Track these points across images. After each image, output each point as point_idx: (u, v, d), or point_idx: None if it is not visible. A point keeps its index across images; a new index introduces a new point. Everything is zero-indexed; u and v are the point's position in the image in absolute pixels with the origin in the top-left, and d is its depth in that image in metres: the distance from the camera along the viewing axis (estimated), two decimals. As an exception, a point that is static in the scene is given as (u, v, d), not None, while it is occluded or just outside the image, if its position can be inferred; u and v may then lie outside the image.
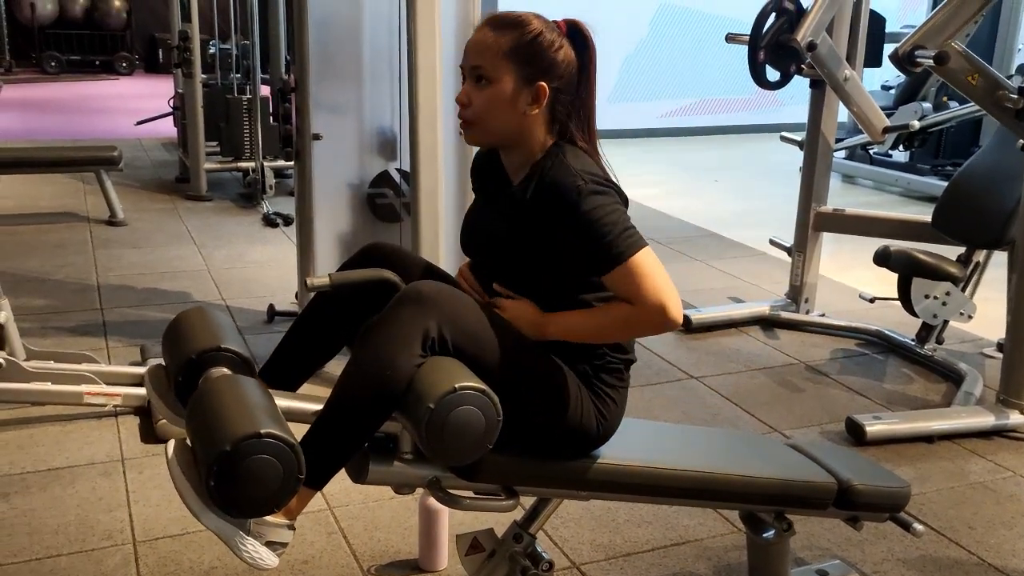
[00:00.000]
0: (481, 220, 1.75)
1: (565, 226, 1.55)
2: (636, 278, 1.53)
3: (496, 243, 1.68)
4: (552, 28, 1.60)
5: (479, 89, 1.59)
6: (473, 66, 1.59)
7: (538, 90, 1.58)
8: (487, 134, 1.63)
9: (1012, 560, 2.39)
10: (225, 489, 1.33)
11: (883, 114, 3.79)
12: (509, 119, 1.59)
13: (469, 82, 1.60)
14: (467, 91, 1.60)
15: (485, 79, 1.58)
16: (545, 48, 1.57)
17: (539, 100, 1.59)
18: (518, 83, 1.57)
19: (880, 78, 8.26)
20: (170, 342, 1.70)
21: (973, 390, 3.34)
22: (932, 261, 3.42)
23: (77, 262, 4.65)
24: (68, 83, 12.20)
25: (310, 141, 3.30)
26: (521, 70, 1.57)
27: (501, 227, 1.66)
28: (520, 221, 1.61)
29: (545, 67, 1.58)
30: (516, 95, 1.58)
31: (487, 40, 1.57)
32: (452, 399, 1.43)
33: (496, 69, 1.56)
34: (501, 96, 1.57)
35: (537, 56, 1.57)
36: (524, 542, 1.80)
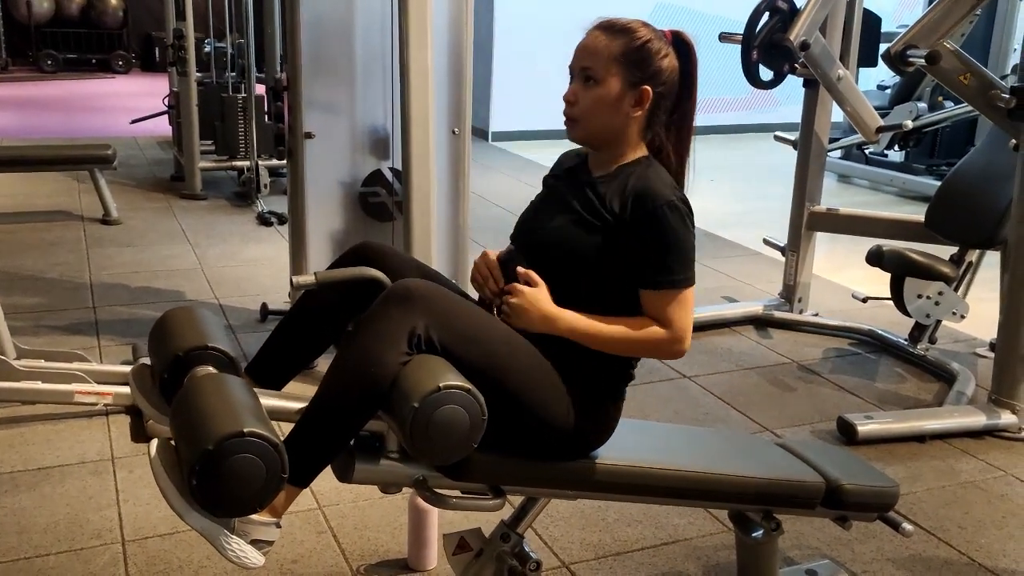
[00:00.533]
0: (546, 212, 1.76)
1: (639, 230, 1.60)
2: (678, 308, 1.61)
3: (558, 235, 1.68)
4: (659, 36, 1.68)
5: (586, 89, 1.67)
6: (583, 67, 1.67)
7: (642, 93, 1.66)
8: (589, 132, 1.69)
9: (1002, 560, 2.39)
10: (208, 488, 1.33)
11: (876, 114, 3.79)
12: (612, 119, 1.67)
13: (577, 82, 1.68)
14: (575, 90, 1.68)
15: (593, 80, 1.66)
16: (652, 54, 1.66)
17: (642, 103, 1.67)
18: (624, 85, 1.65)
19: (876, 78, 8.27)
20: (156, 340, 1.69)
21: (965, 390, 3.35)
22: (925, 261, 3.42)
23: (70, 260, 4.64)
24: (64, 81, 12.19)
25: (302, 140, 3.29)
26: (628, 74, 1.65)
27: (567, 216, 1.68)
28: (592, 213, 1.65)
29: (651, 73, 1.66)
30: (621, 97, 1.66)
31: (598, 43, 1.66)
32: (437, 398, 1.43)
33: (605, 71, 1.65)
34: (607, 96, 1.65)
35: (644, 61, 1.65)
36: (511, 541, 1.79)
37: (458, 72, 3.31)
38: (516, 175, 7.44)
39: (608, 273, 1.64)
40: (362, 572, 2.23)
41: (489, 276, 1.70)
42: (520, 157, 8.24)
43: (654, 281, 1.61)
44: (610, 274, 1.64)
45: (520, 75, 8.98)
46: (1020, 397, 3.09)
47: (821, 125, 4.07)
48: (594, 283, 1.65)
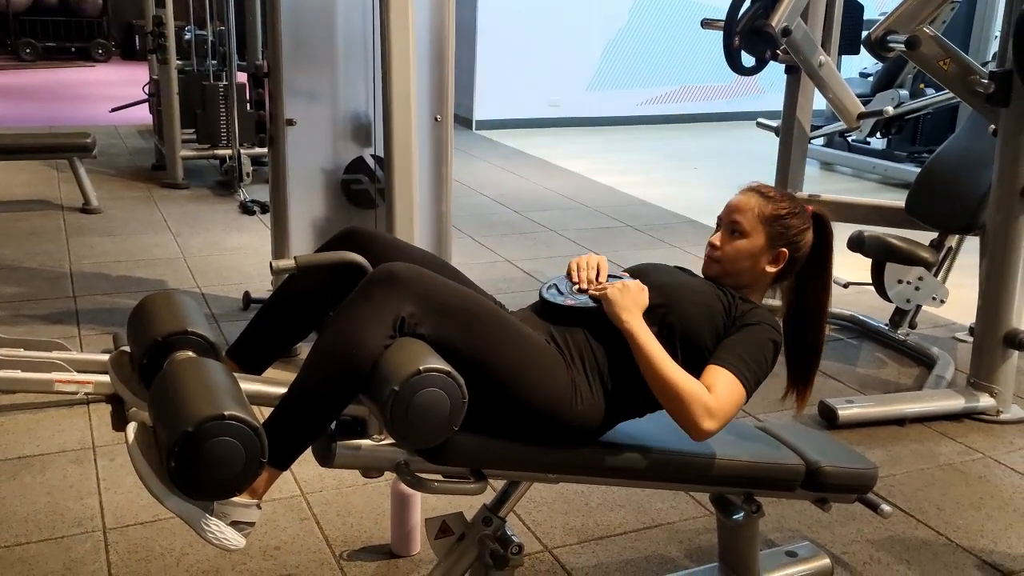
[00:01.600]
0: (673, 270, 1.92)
1: (740, 326, 1.74)
2: (727, 389, 1.66)
3: (677, 281, 1.83)
4: (802, 212, 1.88)
5: (732, 239, 1.86)
6: (732, 220, 1.87)
7: (779, 254, 1.86)
8: (726, 273, 1.87)
9: (980, 540, 2.42)
10: (187, 471, 1.32)
11: (858, 100, 3.80)
12: (749, 269, 1.86)
13: (724, 232, 1.88)
14: (721, 237, 1.88)
15: (739, 233, 1.85)
16: (795, 225, 1.86)
17: (778, 262, 1.87)
18: (766, 243, 1.85)
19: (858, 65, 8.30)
20: (135, 325, 1.68)
21: (944, 374, 3.38)
22: (905, 246, 3.44)
23: (50, 250, 4.60)
24: (43, 70, 12.07)
25: (284, 127, 3.27)
26: (771, 235, 1.84)
27: (694, 279, 1.87)
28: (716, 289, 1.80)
29: (790, 240, 1.86)
30: (762, 252, 1.85)
31: (751, 203, 1.86)
32: (417, 381, 1.43)
33: (752, 228, 1.85)
34: (751, 249, 1.85)
35: (787, 229, 1.86)
36: (493, 525, 1.80)
37: (440, 58, 3.30)
38: (500, 163, 7.43)
39: (699, 340, 1.73)
40: (345, 558, 2.24)
41: (594, 266, 1.82)
42: (504, 145, 8.22)
43: (723, 360, 1.70)
44: (699, 343, 1.73)
45: (504, 63, 8.96)
46: (998, 380, 3.12)
47: (803, 112, 4.07)
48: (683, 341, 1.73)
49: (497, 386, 1.59)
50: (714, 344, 1.73)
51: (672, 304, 1.75)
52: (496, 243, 5.07)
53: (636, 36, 9.53)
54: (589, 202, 6.17)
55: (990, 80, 2.99)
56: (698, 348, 1.73)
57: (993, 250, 3.09)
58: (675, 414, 1.66)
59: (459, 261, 2.33)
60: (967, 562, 2.33)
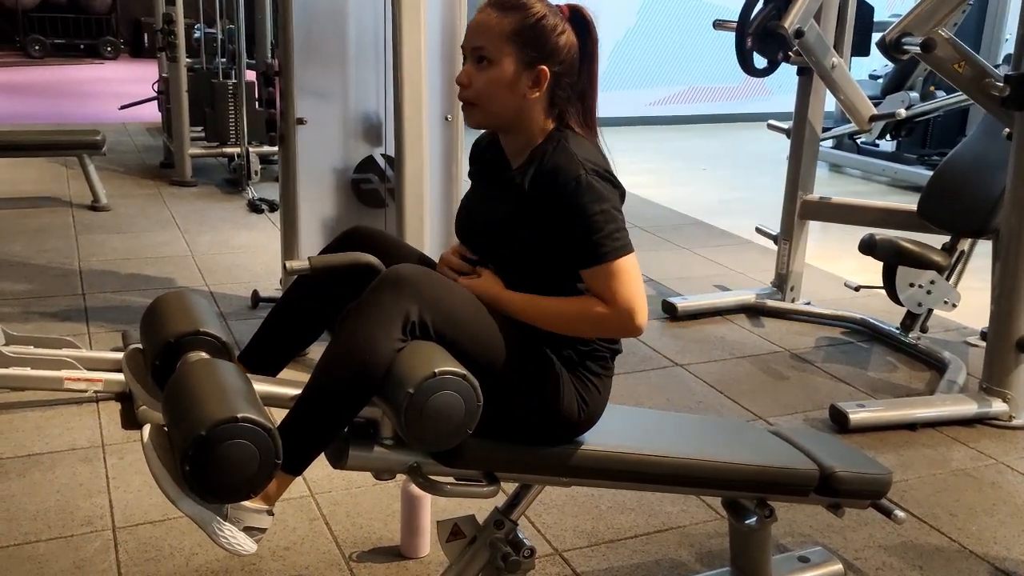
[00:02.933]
0: (477, 205, 1.74)
1: (559, 213, 1.54)
2: (615, 281, 1.53)
3: (491, 228, 1.66)
4: (555, 12, 1.59)
5: (480, 70, 1.58)
6: (475, 47, 1.58)
7: (539, 73, 1.58)
8: (487, 116, 1.62)
9: (993, 547, 2.40)
10: (201, 474, 1.32)
11: (870, 102, 3.78)
12: (509, 101, 1.58)
13: (470, 62, 1.60)
14: (468, 72, 1.60)
15: (487, 60, 1.57)
16: (548, 32, 1.57)
17: (539, 84, 1.58)
18: (519, 66, 1.57)
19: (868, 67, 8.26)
20: (148, 326, 1.68)
21: (956, 378, 3.35)
22: (917, 250, 3.42)
23: (59, 247, 4.60)
24: (52, 67, 12.09)
25: (294, 126, 3.27)
26: (523, 53, 1.56)
27: (498, 212, 1.65)
28: (517, 206, 1.60)
29: (547, 51, 1.57)
30: (517, 78, 1.57)
31: (490, 21, 1.57)
32: (432, 384, 1.42)
33: (498, 51, 1.56)
34: (502, 78, 1.57)
35: (539, 39, 1.56)
36: (505, 528, 1.79)
37: (451, 58, 3.29)
38: (508, 163, 7.41)
39: (550, 260, 1.60)
40: (355, 559, 2.23)
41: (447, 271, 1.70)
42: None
43: (586, 260, 1.55)
44: (552, 261, 1.60)
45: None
46: (1011, 385, 3.09)
47: (814, 113, 4.06)
48: (541, 270, 1.62)
49: (507, 388, 1.58)
50: (560, 243, 1.56)
51: (503, 258, 1.63)
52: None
53: (645, 37, 9.51)
54: (597, 203, 6.14)
55: (1005, 83, 2.97)
56: (556, 268, 1.60)
57: (1007, 254, 3.07)
58: (604, 336, 1.63)
59: (470, 262, 2.34)
60: (980, 569, 2.31)
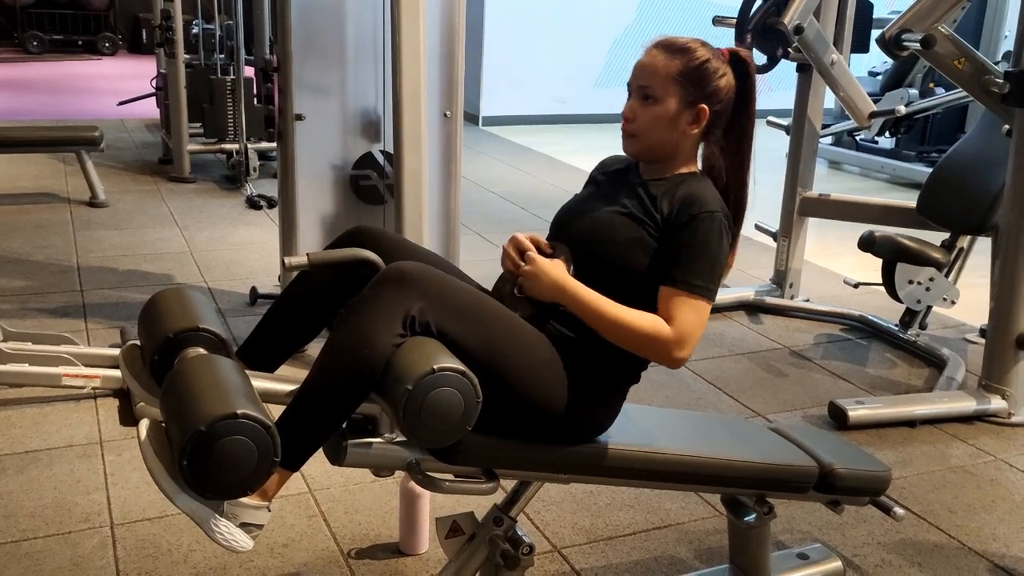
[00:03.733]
0: (592, 199, 1.79)
1: (678, 232, 1.62)
2: (686, 309, 1.59)
3: (600, 219, 1.70)
4: (717, 56, 1.71)
5: (644, 106, 1.70)
6: (641, 85, 1.70)
7: (699, 112, 1.69)
8: (646, 147, 1.72)
9: (992, 544, 2.40)
10: (198, 470, 1.31)
11: (869, 99, 3.78)
12: (669, 136, 1.70)
13: (635, 99, 1.72)
14: (632, 107, 1.72)
15: (652, 98, 1.69)
16: (710, 74, 1.68)
17: (699, 121, 1.70)
18: (681, 104, 1.68)
19: (867, 64, 8.26)
20: (146, 321, 1.67)
21: (955, 375, 3.35)
22: (916, 247, 3.42)
23: (57, 243, 4.60)
24: (50, 63, 12.07)
25: (293, 122, 3.26)
26: (685, 93, 1.68)
27: (614, 207, 1.70)
28: (641, 210, 1.67)
29: (708, 92, 1.69)
30: (678, 115, 1.69)
31: (657, 63, 1.69)
32: (431, 380, 1.42)
33: (663, 90, 1.68)
34: (665, 115, 1.69)
35: (702, 81, 1.68)
36: (504, 525, 1.78)
37: (450, 54, 3.28)
38: (507, 160, 7.42)
39: (641, 270, 1.64)
40: (353, 556, 2.22)
41: (512, 250, 1.71)
42: (511, 142, 8.20)
43: (672, 278, 1.61)
44: (643, 272, 1.64)
45: (511, 60, 8.93)
46: (1010, 382, 3.09)
47: (814, 110, 4.06)
48: (625, 277, 1.65)
49: (507, 386, 1.58)
50: (655, 263, 1.63)
51: (602, 255, 1.66)
52: (503, 240, 5.05)
53: (644, 33, 9.49)
54: (596, 199, 6.14)
55: (1005, 80, 2.97)
56: (641, 279, 1.64)
57: (1006, 251, 3.07)
58: (642, 354, 1.63)
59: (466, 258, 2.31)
60: (979, 566, 2.31)
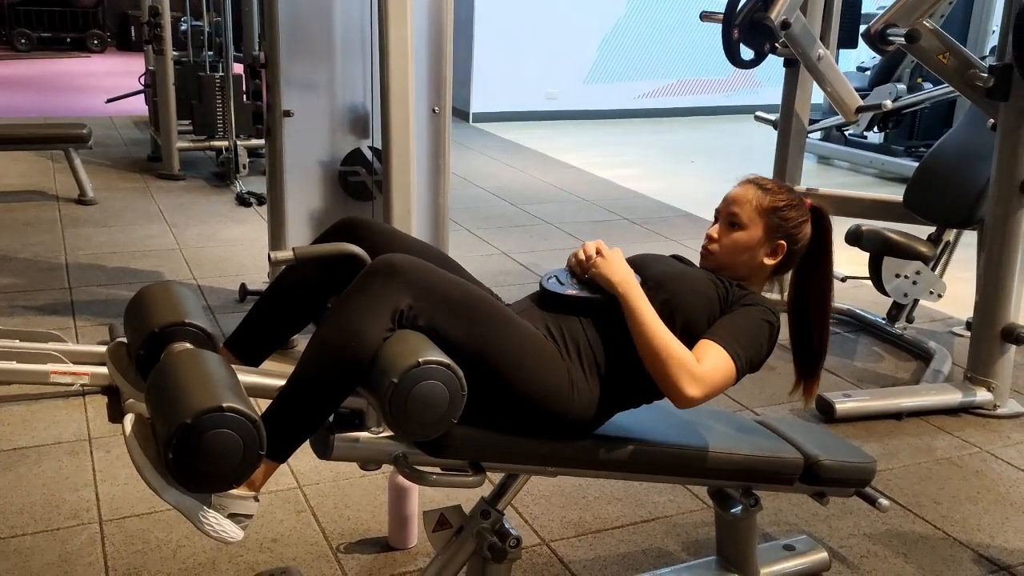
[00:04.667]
0: (669, 259, 1.92)
1: (734, 306, 1.76)
2: (718, 362, 1.66)
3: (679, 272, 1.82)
4: (800, 205, 1.87)
5: (729, 231, 1.85)
6: (730, 212, 1.86)
7: (777, 246, 1.86)
8: (724, 267, 1.86)
9: (977, 534, 2.42)
10: (185, 463, 1.31)
11: (856, 94, 3.79)
12: (747, 261, 1.85)
13: (722, 224, 1.87)
14: (719, 230, 1.87)
15: (738, 225, 1.85)
16: (793, 218, 1.86)
17: (776, 254, 1.86)
18: (764, 235, 1.84)
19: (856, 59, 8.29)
20: (132, 317, 1.67)
21: (942, 368, 3.38)
22: (903, 240, 3.44)
23: (45, 241, 4.58)
24: (39, 60, 12.01)
25: (281, 118, 3.26)
26: (769, 227, 1.84)
27: (693, 270, 1.85)
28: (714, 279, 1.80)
29: (788, 232, 1.85)
30: (760, 244, 1.85)
31: (749, 195, 1.86)
32: (416, 373, 1.42)
33: (750, 220, 1.84)
34: (748, 241, 1.85)
35: (786, 221, 1.85)
36: (492, 518, 1.79)
37: (438, 49, 3.28)
38: (496, 156, 7.42)
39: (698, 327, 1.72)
40: (342, 551, 2.23)
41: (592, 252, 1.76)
42: (501, 138, 8.21)
43: (715, 334, 1.70)
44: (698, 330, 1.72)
45: (501, 56, 8.93)
46: (995, 375, 3.12)
47: (801, 105, 4.06)
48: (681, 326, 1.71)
49: (495, 379, 1.58)
50: (710, 317, 1.74)
51: (672, 294, 1.74)
52: (493, 236, 5.06)
53: (634, 29, 9.50)
54: (586, 195, 6.16)
55: (990, 74, 2.99)
56: (693, 334, 1.72)
57: (991, 244, 3.09)
58: (660, 378, 1.65)
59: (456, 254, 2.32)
60: (964, 556, 2.33)
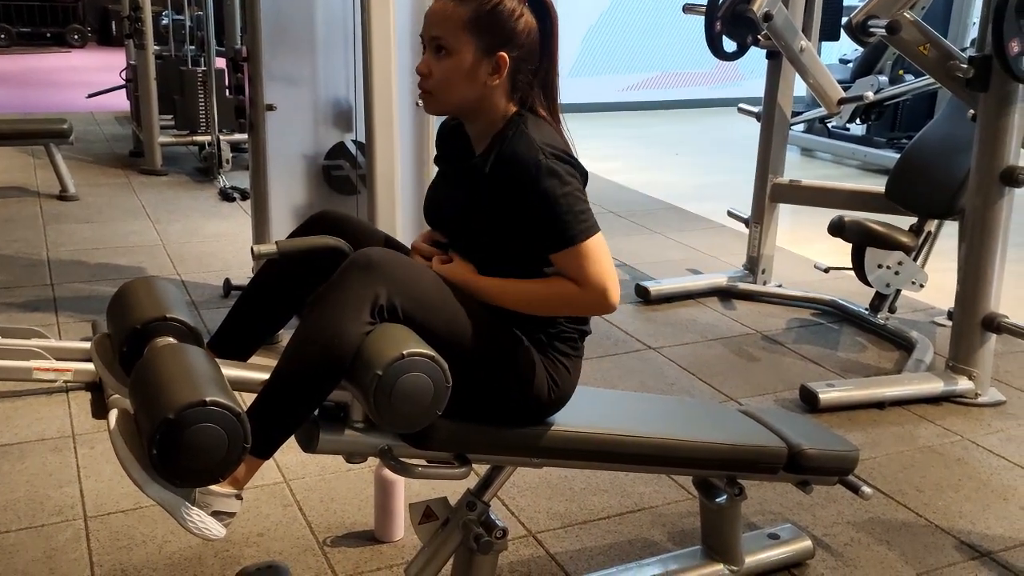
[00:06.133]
0: (444, 191, 1.73)
1: (522, 200, 1.54)
2: (585, 261, 1.55)
3: (457, 214, 1.66)
4: None
5: (439, 60, 1.56)
6: (432, 36, 1.57)
7: (498, 60, 1.56)
8: (447, 104, 1.62)
9: (959, 521, 2.45)
10: (168, 458, 1.31)
11: (838, 86, 3.81)
12: (469, 90, 1.58)
13: (429, 52, 1.58)
14: (427, 61, 1.58)
15: (445, 50, 1.55)
16: (506, 17, 1.55)
17: (500, 70, 1.57)
18: (478, 53, 1.55)
19: (838, 52, 8.32)
20: (115, 312, 1.67)
21: (924, 357, 3.40)
22: (885, 231, 3.46)
23: (27, 237, 4.55)
24: (18, 56, 11.90)
25: (264, 112, 3.25)
26: (481, 40, 1.54)
27: (462, 198, 1.65)
28: (480, 193, 1.60)
29: (506, 37, 1.55)
30: (476, 66, 1.56)
31: (447, 10, 1.55)
32: (400, 365, 1.43)
33: (456, 40, 1.54)
34: (461, 67, 1.55)
35: (497, 26, 1.55)
36: (478, 510, 1.79)
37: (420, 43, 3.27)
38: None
39: (516, 245, 1.60)
40: (329, 544, 2.23)
41: (420, 260, 1.68)
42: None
43: (553, 244, 1.56)
44: (518, 246, 1.60)
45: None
46: (976, 364, 3.14)
47: (784, 97, 4.09)
48: (507, 255, 1.62)
49: (477, 369, 1.59)
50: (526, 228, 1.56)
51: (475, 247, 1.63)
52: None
53: (617, 22, 9.51)
54: (571, 188, 6.15)
55: (970, 65, 3.00)
56: (522, 251, 1.60)
57: (972, 234, 3.11)
58: (576, 315, 1.65)
59: (441, 247, 2.34)
60: (946, 542, 2.35)
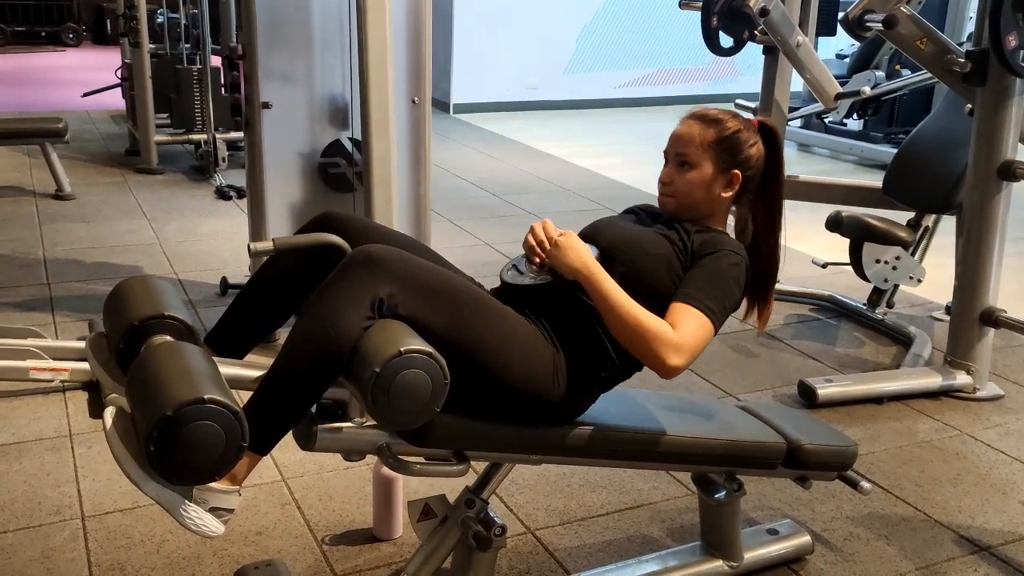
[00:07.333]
0: (625, 220, 1.90)
1: (700, 259, 1.73)
2: (693, 325, 1.65)
3: (635, 232, 1.80)
4: (748, 126, 1.84)
5: (681, 172, 1.82)
6: (678, 152, 1.83)
7: (732, 177, 1.82)
8: (682, 207, 1.84)
9: (958, 516, 2.45)
10: (166, 455, 1.31)
11: (835, 81, 3.80)
12: (704, 198, 1.82)
13: (672, 165, 1.84)
14: (670, 173, 1.84)
15: (689, 164, 1.82)
16: (742, 143, 1.82)
17: (732, 185, 1.83)
18: (716, 170, 1.81)
19: (835, 47, 8.32)
20: (111, 310, 1.66)
21: (922, 352, 3.40)
22: (882, 226, 3.46)
23: (23, 236, 4.54)
24: (13, 55, 11.87)
25: (260, 110, 3.23)
26: (720, 159, 1.80)
27: (650, 231, 1.80)
28: (671, 234, 1.77)
29: (740, 159, 1.82)
30: (713, 180, 1.81)
31: (692, 132, 1.82)
32: (398, 362, 1.42)
33: (699, 157, 1.81)
34: (701, 180, 1.81)
35: (735, 149, 1.81)
36: (476, 507, 1.79)
37: (417, 39, 3.26)
38: (478, 147, 7.40)
39: (662, 288, 1.70)
40: (327, 543, 2.23)
41: (541, 235, 1.70)
42: (482, 129, 8.19)
43: (686, 295, 1.68)
44: (663, 290, 1.70)
45: (481, 46, 8.90)
46: (975, 358, 3.14)
47: (781, 92, 4.07)
48: (645, 290, 1.69)
49: (478, 366, 1.58)
50: (675, 285, 1.71)
51: (628, 264, 1.72)
52: (475, 226, 5.06)
53: (613, 18, 9.49)
54: (568, 185, 6.16)
55: (967, 60, 3.00)
56: (662, 297, 1.70)
57: (969, 229, 3.11)
58: (640, 354, 1.64)
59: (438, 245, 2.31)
60: (945, 537, 2.35)
